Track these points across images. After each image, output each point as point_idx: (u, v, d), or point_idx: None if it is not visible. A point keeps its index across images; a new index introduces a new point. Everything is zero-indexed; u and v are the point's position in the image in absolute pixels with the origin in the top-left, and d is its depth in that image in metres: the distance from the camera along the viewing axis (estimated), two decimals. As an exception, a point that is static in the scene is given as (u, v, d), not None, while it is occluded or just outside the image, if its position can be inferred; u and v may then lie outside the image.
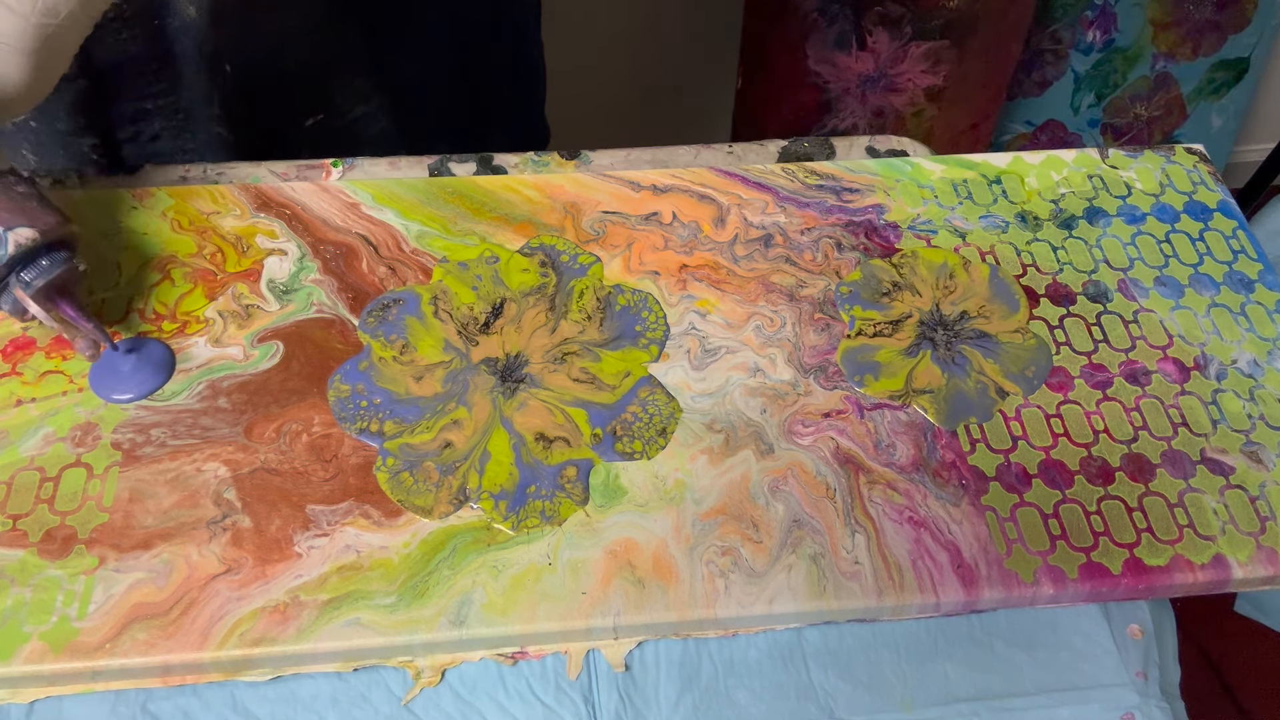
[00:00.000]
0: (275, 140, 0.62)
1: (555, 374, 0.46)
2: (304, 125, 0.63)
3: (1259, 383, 0.46)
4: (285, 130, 0.63)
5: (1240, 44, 1.18)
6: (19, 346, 0.45)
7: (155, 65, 0.56)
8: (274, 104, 0.61)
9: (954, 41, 0.88)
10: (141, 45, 0.54)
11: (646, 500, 0.42)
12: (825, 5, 0.87)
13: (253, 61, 0.58)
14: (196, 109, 0.58)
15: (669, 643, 0.43)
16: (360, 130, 0.65)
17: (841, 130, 0.95)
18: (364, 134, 0.65)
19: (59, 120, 0.57)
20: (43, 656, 0.37)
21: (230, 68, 0.57)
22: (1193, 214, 0.53)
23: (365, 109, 0.64)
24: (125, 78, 0.56)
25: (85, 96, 0.56)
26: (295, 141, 0.63)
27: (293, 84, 0.61)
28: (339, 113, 0.64)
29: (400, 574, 0.40)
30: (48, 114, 0.56)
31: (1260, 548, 0.41)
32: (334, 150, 0.60)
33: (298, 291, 0.48)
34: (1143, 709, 0.43)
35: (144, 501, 0.41)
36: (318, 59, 0.60)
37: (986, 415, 0.45)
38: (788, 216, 0.52)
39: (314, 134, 0.64)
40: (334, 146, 0.61)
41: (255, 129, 0.61)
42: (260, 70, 0.59)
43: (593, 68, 1.18)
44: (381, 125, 0.66)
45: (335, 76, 0.62)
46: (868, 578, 0.40)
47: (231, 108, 0.59)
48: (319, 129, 0.64)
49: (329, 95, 0.63)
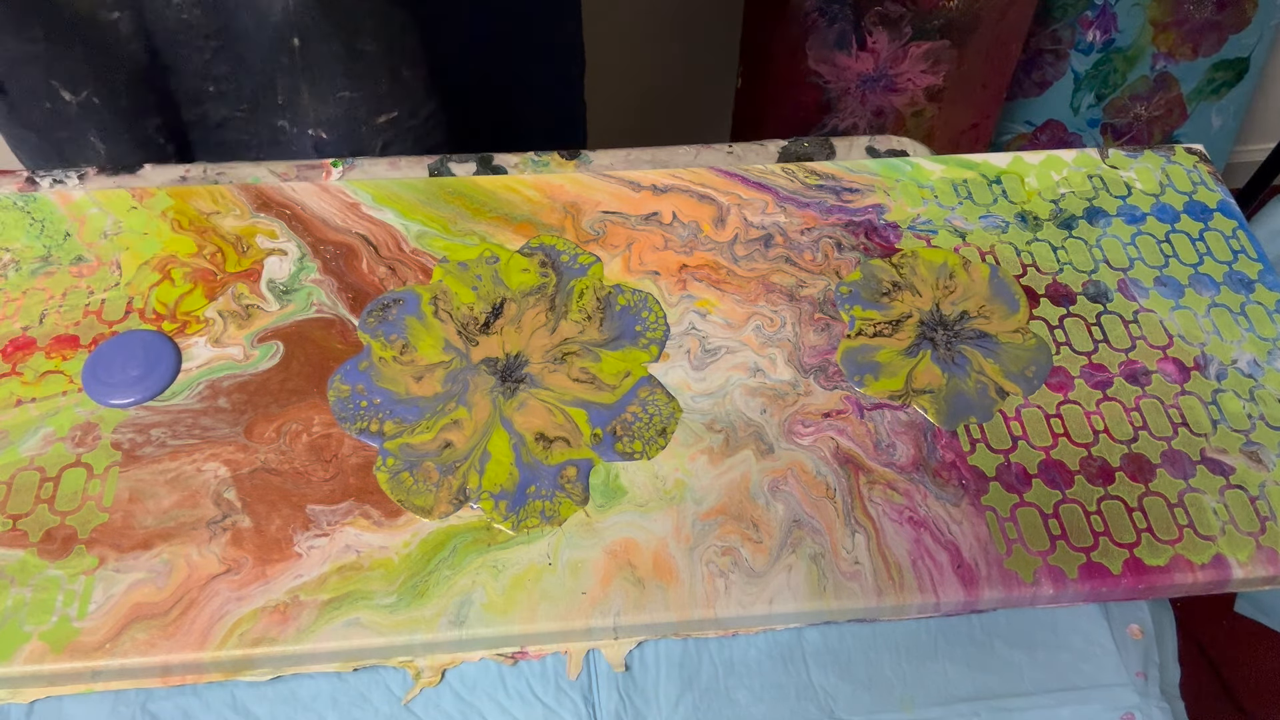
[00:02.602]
0: (347, 141, 0.58)
1: (555, 374, 0.46)
2: (376, 122, 0.59)
3: (1259, 383, 0.46)
4: (358, 129, 0.59)
5: (1240, 44, 1.18)
6: (19, 346, 0.45)
7: (215, 41, 0.54)
8: (345, 96, 0.57)
9: (954, 41, 0.88)
10: (198, 14, 0.52)
11: (646, 500, 0.42)
12: (825, 5, 0.87)
13: (324, 39, 0.54)
14: (261, 97, 0.56)
15: (669, 643, 0.43)
16: (427, 136, 0.61)
17: (841, 130, 0.95)
18: (433, 139, 0.61)
19: (121, 96, 0.55)
20: (43, 656, 0.37)
21: (299, 42, 0.54)
22: (1193, 214, 0.53)
23: (434, 106, 0.61)
24: (182, 50, 0.54)
25: (144, 68, 0.54)
26: (366, 146, 0.59)
27: (364, 69, 0.57)
28: (414, 109, 0.60)
29: (400, 574, 0.40)
30: (110, 87, 0.54)
31: (1260, 548, 0.41)
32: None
33: (298, 291, 0.48)
34: (1143, 709, 0.43)
35: (144, 501, 0.41)
36: (390, 37, 0.56)
37: (986, 415, 0.45)
38: (788, 216, 0.52)
39: (386, 137, 0.59)
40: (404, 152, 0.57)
41: (323, 123, 0.58)
42: (329, 50, 0.55)
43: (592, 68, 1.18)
44: (444, 131, 0.62)
45: (404, 62, 0.58)
46: (868, 578, 0.40)
47: (296, 95, 0.56)
48: (391, 130, 0.60)
49: (402, 87, 0.58)
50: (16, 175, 0.55)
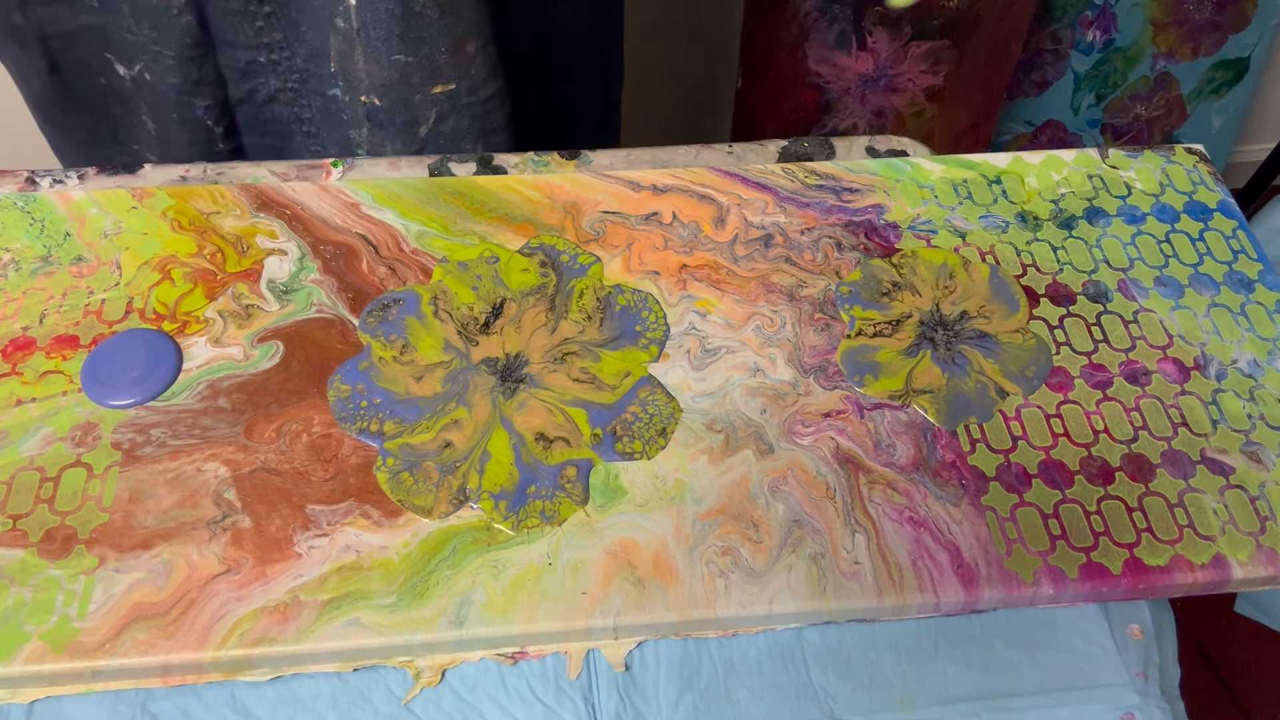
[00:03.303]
0: (399, 109, 0.55)
1: (555, 374, 0.46)
2: (431, 92, 0.56)
3: (1259, 383, 0.46)
4: (412, 96, 0.55)
5: (1240, 44, 1.18)
6: (19, 346, 0.45)
7: (268, 6, 0.52)
8: (399, 60, 0.54)
9: (954, 41, 0.88)
10: None
11: (646, 500, 0.42)
12: (825, 5, 0.87)
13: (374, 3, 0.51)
14: (313, 66, 0.54)
15: (669, 643, 0.43)
16: (487, 117, 0.58)
17: (841, 130, 0.95)
18: (493, 121, 0.58)
19: (171, 73, 0.54)
20: (43, 656, 0.37)
21: (355, 1, 0.51)
22: (1193, 214, 0.53)
23: (497, 86, 0.57)
24: (232, 18, 0.52)
25: (193, 42, 0.52)
26: (419, 115, 0.56)
27: (422, 34, 0.53)
28: (473, 86, 0.56)
29: (400, 574, 0.40)
30: (159, 62, 0.53)
31: (1260, 548, 0.41)
32: (461, 137, 0.54)
33: (298, 291, 0.48)
34: (1143, 709, 0.43)
35: (144, 501, 0.41)
36: (453, 4, 0.53)
37: (986, 415, 0.45)
38: (788, 216, 0.52)
39: (441, 109, 0.56)
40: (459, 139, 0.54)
41: (376, 88, 0.54)
42: (386, 9, 0.52)
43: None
44: (505, 117, 0.59)
45: (470, 35, 0.55)
46: (868, 578, 0.40)
47: (349, 60, 0.53)
48: (448, 103, 0.56)
49: (463, 60, 0.55)
50: (16, 175, 0.55)
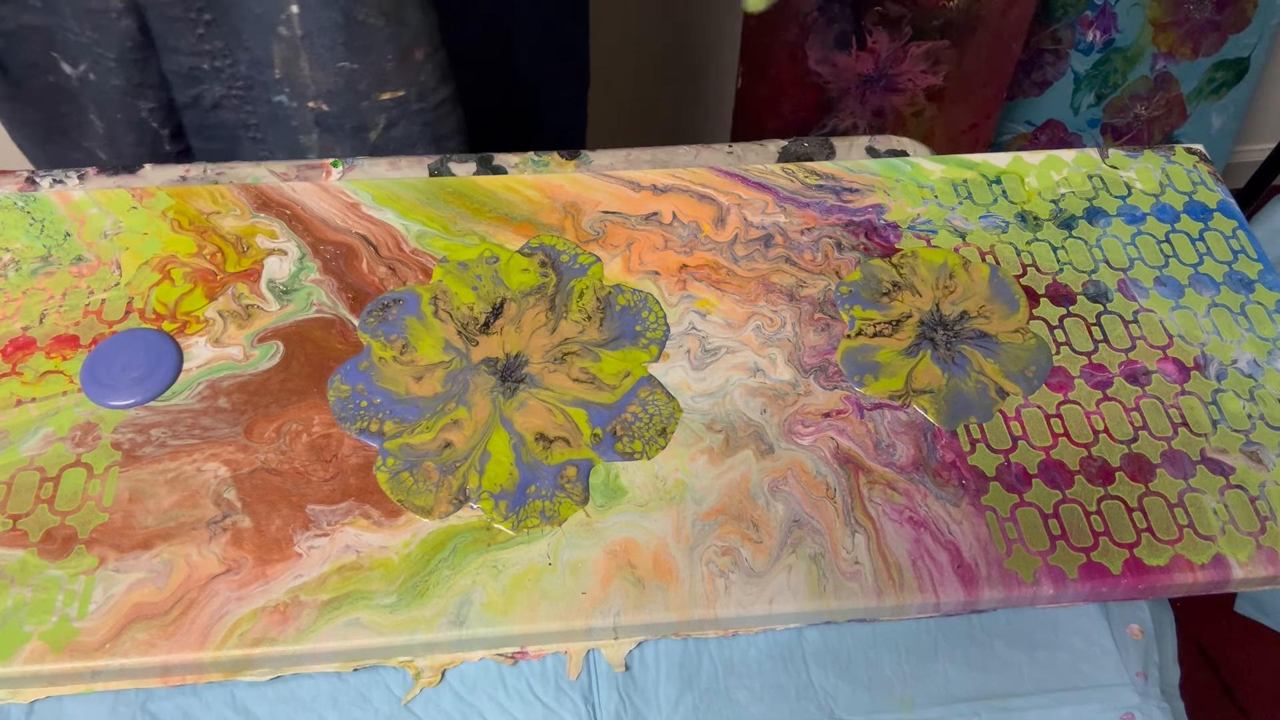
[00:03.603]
0: (348, 115, 0.55)
1: (555, 374, 0.46)
2: (379, 99, 0.56)
3: (1259, 383, 0.46)
4: (359, 103, 0.55)
5: (1240, 44, 1.18)
6: (19, 346, 0.45)
7: (208, 14, 0.52)
8: (345, 67, 0.54)
9: (954, 41, 0.88)
10: None
11: (646, 500, 0.42)
12: (825, 5, 0.87)
13: (322, 5, 0.51)
14: (258, 73, 0.54)
15: (669, 643, 0.43)
16: (438, 123, 0.58)
17: (841, 130, 0.95)
18: (445, 127, 0.58)
19: (114, 74, 0.54)
20: (43, 656, 0.37)
21: (297, 9, 0.51)
22: (1193, 214, 0.53)
23: (448, 92, 0.58)
24: (172, 24, 0.52)
25: (134, 46, 0.53)
26: (368, 121, 0.55)
27: (368, 42, 0.53)
28: (423, 93, 0.57)
29: (400, 574, 0.40)
30: (102, 64, 0.53)
31: (1260, 548, 0.41)
32: (412, 142, 0.54)
33: (298, 291, 0.48)
34: (1143, 709, 0.43)
35: (144, 501, 0.41)
36: (398, 13, 0.53)
37: (986, 415, 0.45)
38: (788, 216, 0.52)
39: (391, 116, 0.56)
40: (410, 145, 0.55)
41: (323, 94, 0.54)
42: (329, 18, 0.52)
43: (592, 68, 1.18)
44: (457, 121, 0.59)
45: (418, 43, 0.55)
46: (868, 578, 0.40)
47: (294, 67, 0.53)
48: (397, 110, 0.56)
49: (411, 67, 0.55)
50: (16, 175, 0.55)
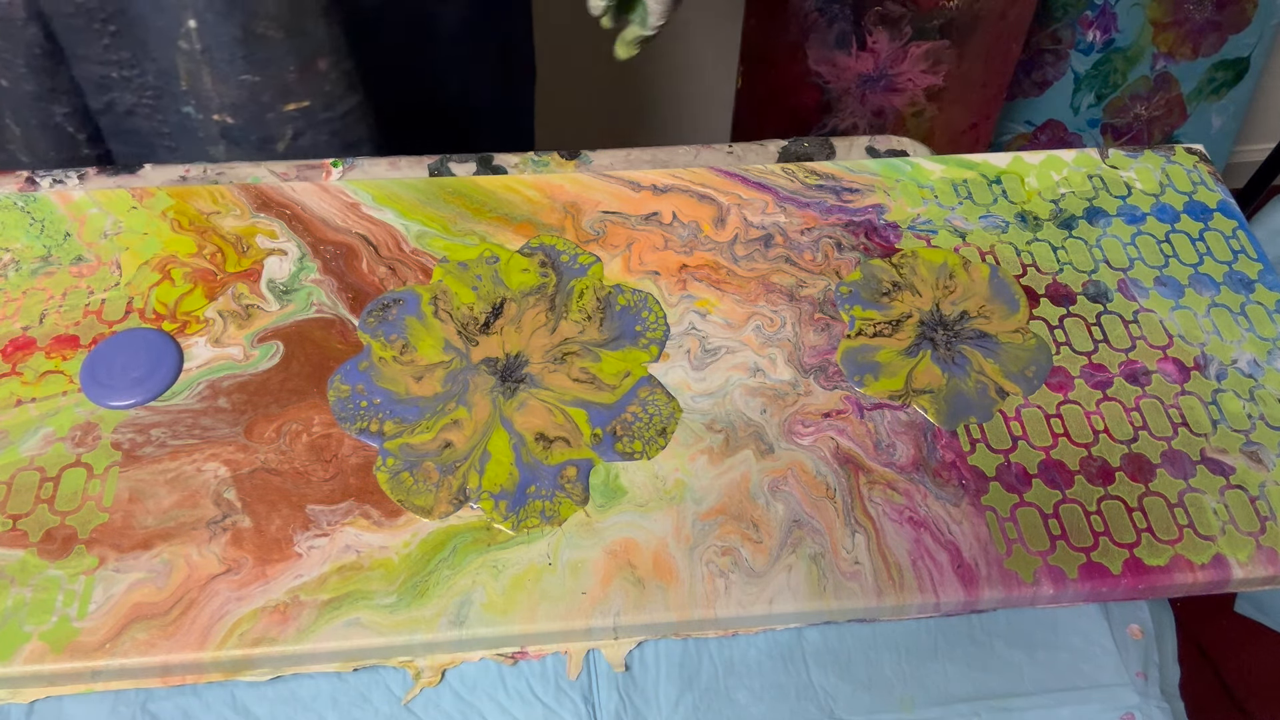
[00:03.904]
0: (253, 126, 0.56)
1: (555, 374, 0.46)
2: (284, 110, 0.57)
3: (1259, 383, 0.46)
4: (264, 114, 0.57)
5: (1240, 44, 1.18)
6: (19, 346, 0.45)
7: (112, 25, 0.52)
8: (246, 80, 0.55)
9: (954, 41, 0.88)
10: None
11: (646, 500, 0.42)
12: (825, 5, 0.87)
13: (219, 19, 0.52)
14: (165, 83, 0.54)
15: (669, 643, 0.43)
16: (346, 131, 0.59)
17: (841, 130, 0.95)
18: (353, 135, 0.60)
19: (25, 80, 0.54)
20: (43, 656, 0.37)
21: (195, 24, 0.52)
22: (1193, 214, 0.53)
23: (355, 100, 0.59)
24: (78, 34, 0.53)
25: (42, 53, 0.53)
26: (275, 133, 0.57)
27: (268, 55, 0.55)
28: (329, 102, 0.58)
29: (400, 574, 0.40)
30: (12, 69, 0.53)
31: (1260, 548, 0.41)
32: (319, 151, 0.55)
33: (298, 291, 0.48)
34: (1143, 709, 0.43)
35: (144, 501, 0.41)
36: (298, 25, 0.54)
37: (986, 415, 0.45)
38: (788, 216, 0.52)
39: (297, 126, 0.57)
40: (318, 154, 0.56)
41: (227, 107, 0.55)
42: (227, 32, 0.53)
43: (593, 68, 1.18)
44: (368, 128, 0.60)
45: (321, 53, 0.56)
46: (868, 578, 0.40)
47: (198, 80, 0.54)
48: (303, 120, 0.57)
49: (315, 78, 0.56)
50: (16, 175, 0.55)
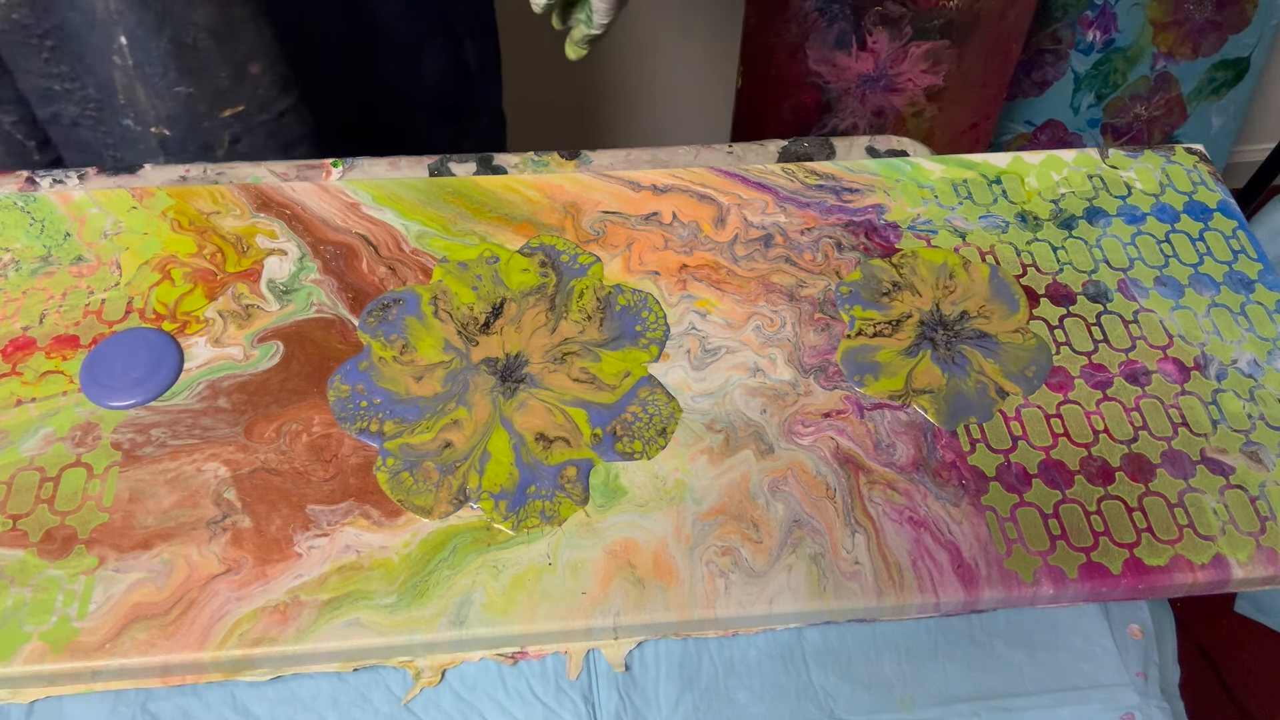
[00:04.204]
0: (191, 136, 0.57)
1: (555, 374, 0.46)
2: (220, 117, 0.57)
3: (1259, 383, 0.46)
4: (200, 123, 0.57)
5: (1240, 44, 1.18)
6: (19, 346, 0.45)
7: (49, 40, 0.53)
8: (181, 91, 0.55)
9: (954, 41, 0.88)
10: (26, 13, 0.52)
11: (646, 500, 0.42)
12: (825, 5, 0.87)
13: (149, 34, 0.53)
14: (106, 97, 0.54)
15: (669, 643, 0.43)
16: (283, 131, 0.60)
17: (841, 130, 0.95)
18: (289, 135, 0.60)
19: None
20: (43, 656, 0.37)
21: (125, 40, 0.53)
22: (1193, 214, 0.53)
23: (290, 101, 0.59)
24: (17, 48, 0.53)
25: None
26: (213, 140, 0.57)
27: (200, 64, 0.55)
28: (264, 105, 0.58)
29: (400, 574, 0.40)
30: None
31: (1260, 548, 0.41)
32: (258, 153, 0.55)
33: (298, 291, 0.48)
34: (1143, 709, 0.43)
35: (144, 501, 0.41)
36: (228, 32, 0.55)
37: (986, 415, 0.45)
38: (788, 216, 0.52)
39: (234, 131, 0.58)
40: (257, 155, 0.56)
41: (164, 119, 0.56)
42: (157, 46, 0.53)
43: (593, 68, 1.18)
44: (306, 126, 0.61)
45: (253, 57, 0.56)
46: (868, 578, 0.40)
47: (133, 94, 0.55)
48: (239, 124, 0.58)
49: (248, 83, 0.57)
50: (16, 175, 0.55)
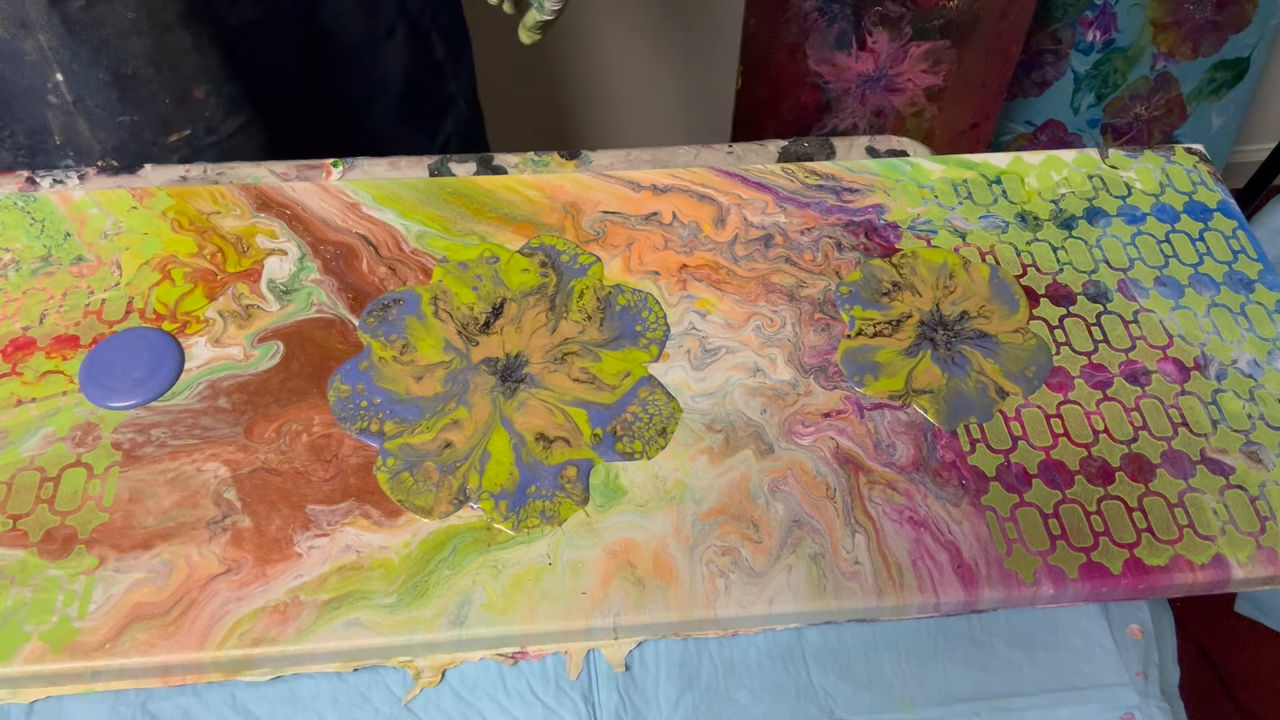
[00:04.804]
0: (139, 163, 0.56)
1: (555, 374, 0.46)
2: (168, 142, 0.57)
3: (1259, 383, 0.46)
4: (148, 150, 0.57)
5: (1240, 44, 1.18)
6: (19, 346, 0.45)
7: None
8: (125, 120, 0.55)
9: (954, 41, 0.88)
10: None
11: (646, 500, 0.42)
12: (825, 5, 0.87)
13: (85, 68, 0.52)
14: (38, 142, 0.54)
15: (669, 643, 0.43)
16: (235, 151, 0.59)
17: (841, 130, 0.95)
18: (243, 154, 0.60)
19: None
20: (43, 656, 0.37)
21: (62, 77, 0.52)
22: (1193, 214, 0.53)
23: (240, 121, 0.59)
24: None
25: None
26: (163, 162, 0.57)
27: (142, 93, 0.54)
28: (211, 127, 0.58)
29: (400, 574, 0.40)
30: None
31: (1260, 548, 0.41)
32: None
33: (298, 291, 0.48)
34: (1143, 709, 0.43)
35: (144, 501, 0.41)
36: (168, 59, 0.54)
37: (986, 415, 0.45)
38: (788, 216, 0.52)
39: (183, 154, 0.57)
40: None
41: (109, 150, 0.55)
42: (97, 79, 0.52)
43: (593, 68, 1.18)
44: (258, 142, 0.60)
45: (196, 81, 0.55)
46: (868, 578, 0.40)
47: (73, 131, 0.53)
48: (188, 147, 0.57)
49: (192, 106, 0.56)
50: (16, 175, 0.55)
